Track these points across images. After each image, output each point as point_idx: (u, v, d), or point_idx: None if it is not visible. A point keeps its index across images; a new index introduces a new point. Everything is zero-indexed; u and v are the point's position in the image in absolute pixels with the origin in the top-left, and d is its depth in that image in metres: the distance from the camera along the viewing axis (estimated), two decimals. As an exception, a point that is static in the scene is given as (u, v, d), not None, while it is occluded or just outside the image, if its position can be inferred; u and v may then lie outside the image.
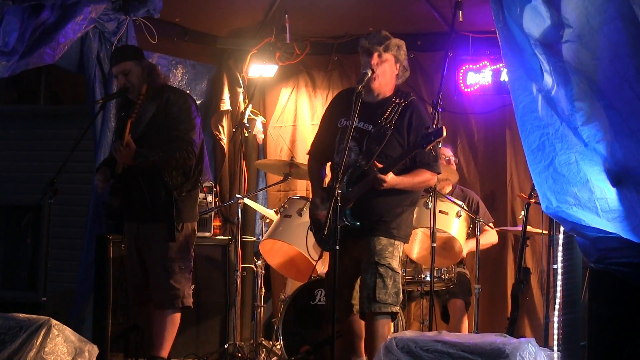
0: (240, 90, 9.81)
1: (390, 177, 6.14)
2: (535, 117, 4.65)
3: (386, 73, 6.45)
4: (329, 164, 6.72)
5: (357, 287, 6.42)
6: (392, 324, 6.57)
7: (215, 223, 8.47)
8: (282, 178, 8.57)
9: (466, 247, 8.14)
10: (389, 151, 6.29)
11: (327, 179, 6.68)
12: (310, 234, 6.74)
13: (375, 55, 6.38)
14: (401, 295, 6.47)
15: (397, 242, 6.40)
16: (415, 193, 6.54)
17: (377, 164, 6.14)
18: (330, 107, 6.87)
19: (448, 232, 7.66)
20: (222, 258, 8.29)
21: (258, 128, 9.69)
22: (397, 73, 6.51)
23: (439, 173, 6.52)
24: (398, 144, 6.33)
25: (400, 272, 6.49)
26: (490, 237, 8.37)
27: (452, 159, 8.49)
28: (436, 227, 7.03)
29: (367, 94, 6.41)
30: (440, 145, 6.53)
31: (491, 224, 8.33)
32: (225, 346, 8.04)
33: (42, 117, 11.21)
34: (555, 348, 5.23)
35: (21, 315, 6.43)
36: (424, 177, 6.37)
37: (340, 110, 6.57)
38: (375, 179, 6.11)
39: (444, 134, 6.03)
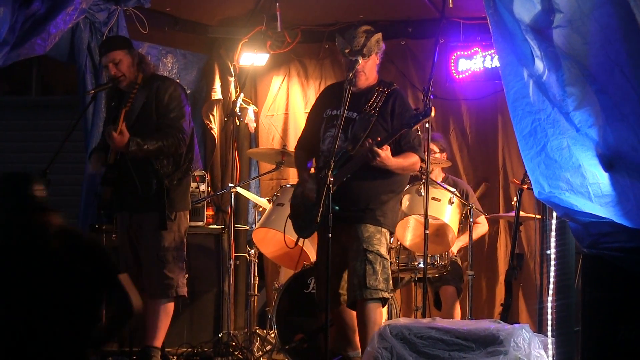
0: (232, 79, 9.79)
1: (385, 153, 6.17)
2: (527, 102, 4.66)
3: (371, 69, 6.58)
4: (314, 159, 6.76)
5: (344, 276, 6.44)
6: (383, 309, 6.58)
7: (208, 212, 8.47)
8: (274, 166, 8.57)
9: (456, 245, 8.14)
10: (374, 137, 6.32)
11: (312, 170, 6.69)
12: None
13: (362, 62, 6.45)
14: (391, 281, 6.51)
15: (384, 230, 6.46)
16: (399, 182, 6.59)
17: (370, 141, 6.18)
18: (317, 101, 6.99)
19: (441, 219, 7.67)
20: (215, 247, 8.28)
21: (250, 117, 9.67)
22: (378, 62, 6.64)
23: (423, 158, 6.56)
24: (382, 129, 6.39)
25: (389, 258, 6.53)
26: (480, 229, 8.39)
27: (438, 151, 8.45)
28: (429, 214, 7.03)
29: (353, 86, 6.46)
30: (426, 124, 6.62)
31: (480, 218, 8.34)
32: (219, 335, 8.03)
33: (34, 108, 11.19)
34: (549, 333, 5.24)
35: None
36: (412, 159, 6.44)
37: (326, 102, 6.69)
38: (370, 151, 6.13)
39: (433, 114, 6.13)
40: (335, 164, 6.22)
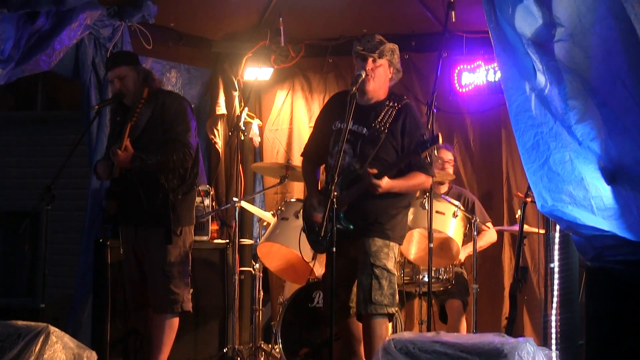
0: (236, 93, 9.82)
1: (385, 182, 6.13)
2: (529, 116, 4.67)
3: (380, 77, 6.45)
4: (322, 167, 6.73)
5: (354, 288, 6.42)
6: (389, 324, 6.55)
7: (213, 227, 8.46)
8: (278, 181, 8.57)
9: (464, 252, 8.12)
10: (383, 154, 6.30)
11: (322, 178, 6.68)
12: (304, 235, 6.72)
13: (370, 61, 6.38)
14: (397, 296, 6.47)
15: (392, 244, 6.40)
16: (410, 195, 6.55)
17: (370, 170, 6.13)
18: (324, 109, 6.88)
19: (445, 232, 7.66)
20: (220, 262, 8.29)
21: (254, 131, 9.70)
22: (390, 76, 6.52)
23: (433, 176, 6.52)
24: (392, 147, 6.34)
25: (396, 273, 6.49)
26: (489, 236, 8.36)
27: (450, 162, 8.47)
28: (433, 227, 7.02)
29: (361, 97, 6.40)
30: (435, 152, 6.54)
31: (489, 224, 8.32)
32: (225, 350, 8.03)
33: (39, 123, 11.21)
34: (554, 347, 5.24)
35: (19, 322, 6.41)
36: (419, 180, 6.37)
37: (334, 113, 6.57)
38: (370, 185, 6.11)
39: (440, 141, 6.02)
40: (342, 181, 6.21)
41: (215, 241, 8.43)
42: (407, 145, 6.33)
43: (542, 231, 7.19)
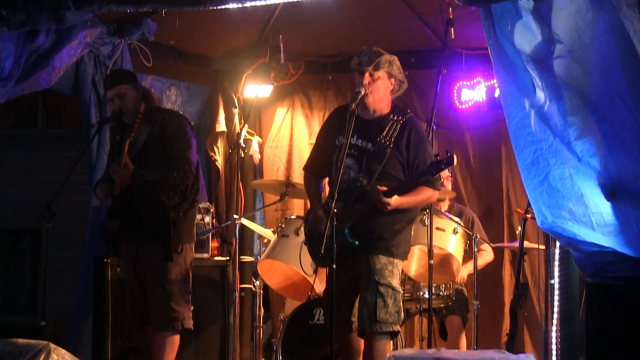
0: (236, 110, 9.82)
1: (395, 200, 6.12)
2: (529, 132, 4.68)
3: (379, 90, 6.40)
4: (326, 180, 6.71)
5: (356, 304, 6.39)
6: (391, 343, 6.53)
7: (213, 244, 8.45)
8: (278, 198, 8.57)
9: (465, 270, 8.11)
10: (389, 169, 6.27)
11: (325, 194, 6.66)
12: (306, 251, 6.69)
13: (367, 74, 6.34)
14: (402, 313, 6.44)
15: (396, 261, 6.36)
16: (414, 211, 6.53)
17: (380, 187, 6.11)
18: (327, 123, 6.83)
19: (445, 249, 7.66)
20: (220, 279, 8.26)
21: (254, 148, 9.70)
22: (392, 88, 6.47)
23: (439, 189, 6.50)
24: (398, 162, 6.31)
25: (401, 290, 6.46)
26: (485, 257, 8.35)
27: (449, 178, 8.48)
28: (433, 244, 7.02)
29: (364, 111, 6.37)
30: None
31: (485, 245, 8.31)
32: (225, 367, 8.03)
33: (39, 140, 11.23)
34: (554, 363, 5.24)
35: (20, 340, 6.41)
36: (426, 194, 6.33)
37: (337, 127, 6.50)
38: (380, 203, 6.08)
39: (455, 162, 6.02)
40: (348, 196, 6.19)
41: (216, 258, 8.41)
42: (412, 159, 6.30)
43: (542, 247, 7.19)
